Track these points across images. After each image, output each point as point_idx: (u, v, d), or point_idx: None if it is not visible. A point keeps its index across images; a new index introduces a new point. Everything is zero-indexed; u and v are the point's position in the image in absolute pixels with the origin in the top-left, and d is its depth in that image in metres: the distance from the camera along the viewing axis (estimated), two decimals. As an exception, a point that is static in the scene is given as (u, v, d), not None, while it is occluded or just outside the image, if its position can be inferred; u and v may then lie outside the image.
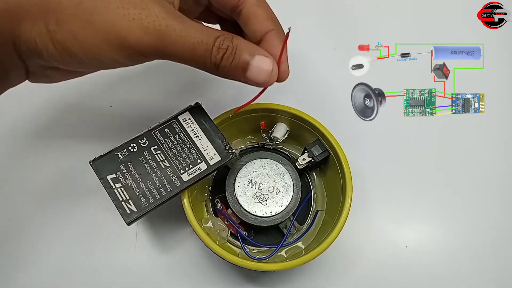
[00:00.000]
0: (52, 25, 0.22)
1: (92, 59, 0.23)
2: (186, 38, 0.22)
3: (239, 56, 0.24)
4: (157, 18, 0.22)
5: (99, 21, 0.22)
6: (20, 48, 0.22)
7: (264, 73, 0.24)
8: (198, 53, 0.23)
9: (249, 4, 0.26)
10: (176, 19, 0.23)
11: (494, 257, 0.36)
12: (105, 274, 0.34)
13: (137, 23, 0.22)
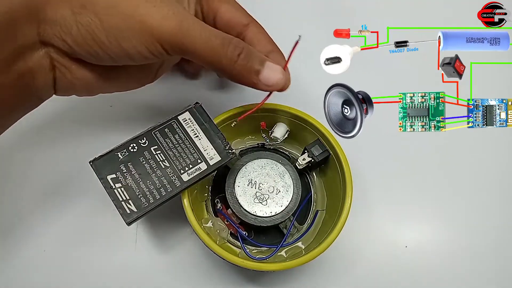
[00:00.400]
0: (77, 8, 0.22)
1: (115, 44, 0.23)
2: (204, 29, 0.24)
3: (254, 58, 0.26)
4: (176, 9, 0.23)
5: (123, 4, 0.23)
6: (44, 33, 0.23)
7: (277, 74, 0.26)
8: (215, 45, 0.24)
9: (252, 32, 0.29)
10: (193, 16, 0.24)
11: (494, 257, 0.36)
12: (105, 274, 0.34)
13: (158, 10, 0.23)
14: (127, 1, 0.23)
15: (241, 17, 0.28)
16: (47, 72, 0.25)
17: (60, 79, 0.25)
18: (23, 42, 0.23)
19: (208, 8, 0.28)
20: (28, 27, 0.22)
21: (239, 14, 0.28)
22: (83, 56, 0.24)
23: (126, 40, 0.23)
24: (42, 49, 0.24)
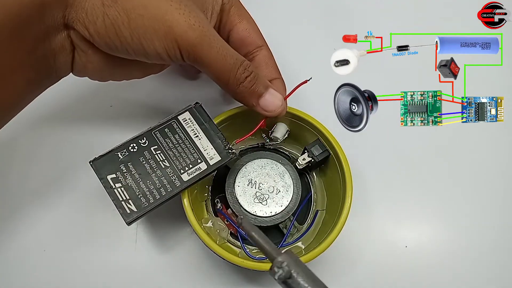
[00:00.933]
0: (108, 0, 0.23)
1: (136, 42, 0.24)
2: (221, 47, 0.25)
3: (259, 84, 0.27)
4: (201, 21, 0.24)
5: (153, 6, 0.23)
6: (69, 16, 0.24)
7: (275, 103, 0.28)
8: (227, 64, 0.25)
9: (262, 54, 0.30)
10: (214, 30, 0.25)
11: (495, 257, 0.36)
12: (105, 274, 0.34)
13: (185, 18, 0.23)
14: (157, 3, 0.23)
15: (256, 38, 0.30)
16: (67, 54, 0.26)
17: (77, 61, 0.26)
18: (50, 24, 0.23)
19: (227, 21, 0.29)
20: (56, 10, 0.23)
21: (255, 35, 0.30)
22: (100, 45, 0.25)
23: (148, 41, 0.24)
24: (65, 31, 0.25)
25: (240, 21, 0.29)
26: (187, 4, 0.24)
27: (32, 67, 0.24)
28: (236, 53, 0.26)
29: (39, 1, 0.22)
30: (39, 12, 0.22)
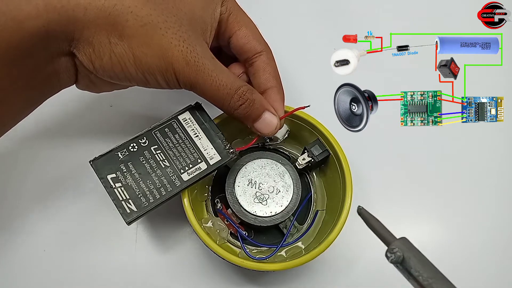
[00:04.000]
0: (114, 38, 0.24)
1: (140, 76, 0.26)
2: (215, 79, 0.26)
3: (254, 109, 0.28)
4: (197, 55, 0.25)
5: (156, 44, 0.24)
6: (75, 48, 0.24)
7: (270, 127, 0.29)
8: (221, 94, 0.26)
9: (261, 60, 0.30)
10: (211, 60, 0.26)
11: (495, 257, 0.36)
12: (105, 274, 0.34)
13: (183, 55, 0.25)
14: (159, 41, 0.24)
15: (255, 45, 0.30)
16: (71, 74, 0.26)
17: (79, 80, 0.27)
18: (54, 51, 0.24)
19: (226, 29, 0.29)
20: (62, 41, 0.24)
21: (254, 42, 0.30)
22: (103, 76, 0.26)
23: (151, 75, 0.26)
24: (69, 57, 0.25)
25: (239, 28, 0.29)
26: (185, 39, 0.25)
27: (34, 87, 0.25)
28: (231, 80, 0.27)
29: (43, 33, 0.22)
30: (43, 42, 0.23)
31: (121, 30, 0.24)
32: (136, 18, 0.24)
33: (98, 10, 0.23)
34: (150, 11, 0.24)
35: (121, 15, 0.23)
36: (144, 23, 0.24)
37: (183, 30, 0.25)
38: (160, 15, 0.24)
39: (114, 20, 0.24)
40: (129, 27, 0.24)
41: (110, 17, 0.23)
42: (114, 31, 0.24)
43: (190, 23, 0.26)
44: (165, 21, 0.25)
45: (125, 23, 0.24)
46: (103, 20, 0.23)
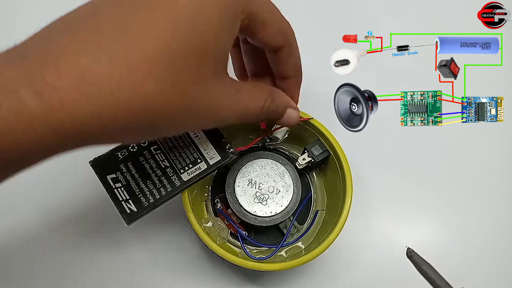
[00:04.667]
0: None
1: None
2: (238, 111, 0.23)
3: (277, 113, 0.27)
4: (216, 102, 0.22)
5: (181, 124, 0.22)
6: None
7: (292, 121, 0.28)
8: (248, 117, 0.24)
9: (284, 52, 0.26)
10: (228, 96, 0.22)
11: (495, 257, 0.36)
12: (105, 273, 0.34)
13: (232, 113, 0.23)
14: (217, 109, 0.22)
15: (279, 41, 0.26)
16: None
17: None
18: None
19: (248, 32, 0.25)
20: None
21: (279, 38, 0.26)
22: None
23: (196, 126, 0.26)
24: None
25: (263, 30, 0.25)
26: (204, 96, 0.21)
27: None
28: (255, 105, 0.24)
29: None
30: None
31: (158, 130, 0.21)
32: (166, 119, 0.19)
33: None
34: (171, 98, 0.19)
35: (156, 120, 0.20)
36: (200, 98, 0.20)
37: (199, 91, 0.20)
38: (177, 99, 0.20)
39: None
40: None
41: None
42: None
43: (200, 65, 0.20)
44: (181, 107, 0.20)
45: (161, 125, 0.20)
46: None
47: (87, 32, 0.17)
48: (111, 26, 0.17)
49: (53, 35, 0.17)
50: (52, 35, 0.17)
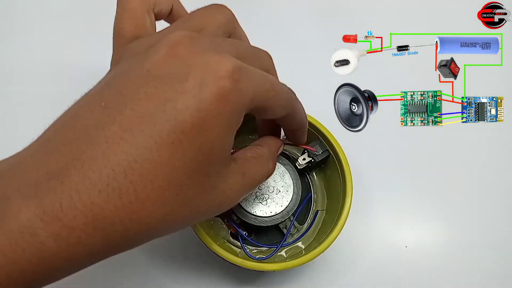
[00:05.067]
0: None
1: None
2: (247, 187, 0.23)
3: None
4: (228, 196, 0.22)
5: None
6: None
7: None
8: (252, 189, 0.24)
9: (289, 117, 0.26)
10: (243, 178, 0.23)
11: (495, 257, 0.36)
12: (105, 273, 0.34)
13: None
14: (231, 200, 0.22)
15: (280, 115, 0.25)
16: None
17: None
18: None
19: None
20: None
21: (282, 113, 0.25)
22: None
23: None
24: None
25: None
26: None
27: None
28: (265, 168, 0.25)
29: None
30: None
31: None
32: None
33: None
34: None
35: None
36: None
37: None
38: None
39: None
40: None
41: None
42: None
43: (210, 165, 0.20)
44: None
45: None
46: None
47: (96, 162, 0.17)
48: (119, 157, 0.17)
49: (62, 165, 0.17)
50: (60, 164, 0.17)
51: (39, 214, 0.16)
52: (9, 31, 0.42)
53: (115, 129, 0.17)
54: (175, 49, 0.19)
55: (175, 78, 0.18)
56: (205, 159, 0.19)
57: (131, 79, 0.19)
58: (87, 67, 0.40)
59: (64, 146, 0.18)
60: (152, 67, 0.19)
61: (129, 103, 0.18)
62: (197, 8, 0.23)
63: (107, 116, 0.18)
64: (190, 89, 0.18)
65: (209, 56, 0.19)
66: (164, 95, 0.18)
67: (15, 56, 0.41)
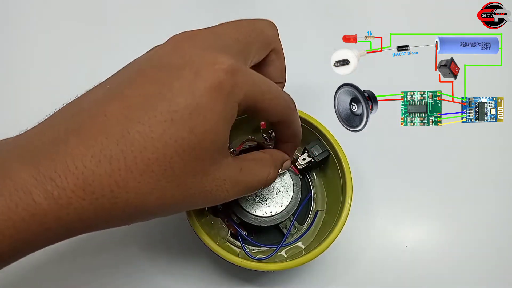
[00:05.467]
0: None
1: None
2: (242, 186, 0.24)
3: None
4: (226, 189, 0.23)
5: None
6: None
7: (284, 170, 0.29)
8: (249, 192, 0.25)
9: (283, 124, 0.26)
10: (239, 172, 0.24)
11: (495, 257, 0.36)
12: (105, 274, 0.34)
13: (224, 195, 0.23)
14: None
15: (274, 119, 0.26)
16: None
17: None
18: None
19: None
20: None
21: (277, 117, 0.26)
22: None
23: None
24: None
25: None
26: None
27: None
28: (256, 185, 0.25)
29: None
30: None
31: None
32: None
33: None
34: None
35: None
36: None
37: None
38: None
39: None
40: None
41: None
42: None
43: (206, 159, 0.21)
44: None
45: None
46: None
47: (93, 131, 0.18)
48: (114, 128, 0.18)
49: (62, 135, 0.18)
50: (61, 134, 0.18)
51: (34, 174, 0.17)
52: (9, 30, 0.42)
53: (116, 105, 0.19)
54: (178, 44, 0.21)
55: (174, 66, 0.20)
56: (198, 142, 0.20)
57: (135, 67, 0.21)
58: (88, 66, 0.40)
59: (65, 120, 0.19)
60: (155, 58, 0.20)
61: (130, 85, 0.19)
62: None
63: (109, 94, 0.19)
64: (186, 76, 0.19)
65: (209, 52, 0.20)
66: (161, 80, 0.19)
67: (15, 56, 0.41)
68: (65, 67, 0.40)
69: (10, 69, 0.40)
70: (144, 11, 0.43)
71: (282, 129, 0.27)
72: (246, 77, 0.21)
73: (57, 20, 0.43)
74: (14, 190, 0.17)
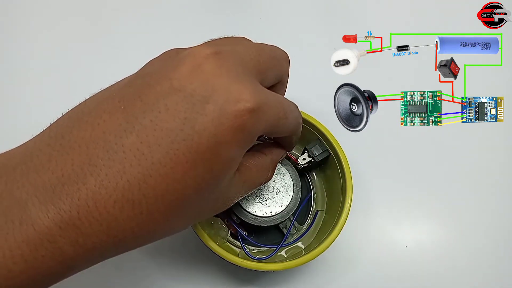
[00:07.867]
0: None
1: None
2: (244, 192, 0.24)
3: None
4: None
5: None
6: None
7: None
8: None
9: (288, 138, 0.27)
10: (243, 184, 0.24)
11: (494, 257, 0.36)
12: (104, 273, 0.34)
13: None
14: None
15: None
16: None
17: None
18: None
19: None
20: None
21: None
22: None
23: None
24: None
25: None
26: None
27: None
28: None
29: None
30: None
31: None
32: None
33: None
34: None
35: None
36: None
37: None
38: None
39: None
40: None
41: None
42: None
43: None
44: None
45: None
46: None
47: (113, 172, 0.17)
48: (136, 169, 0.18)
49: (77, 169, 0.17)
50: (75, 167, 0.17)
51: (58, 222, 0.17)
52: (9, 30, 0.42)
53: (133, 139, 0.18)
54: (200, 65, 0.19)
55: (196, 97, 0.18)
56: (214, 178, 0.19)
57: (153, 86, 0.19)
58: (87, 67, 0.40)
59: (80, 148, 0.18)
60: (175, 79, 0.18)
61: (148, 113, 0.18)
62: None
63: (126, 123, 0.18)
64: (210, 113, 0.18)
65: (232, 82, 0.19)
66: (184, 113, 0.18)
67: (15, 55, 0.41)
68: (65, 67, 0.40)
69: (10, 69, 0.40)
70: (144, 11, 0.43)
71: (284, 139, 0.27)
72: (268, 110, 0.20)
73: (57, 20, 0.43)
74: (39, 240, 0.16)
